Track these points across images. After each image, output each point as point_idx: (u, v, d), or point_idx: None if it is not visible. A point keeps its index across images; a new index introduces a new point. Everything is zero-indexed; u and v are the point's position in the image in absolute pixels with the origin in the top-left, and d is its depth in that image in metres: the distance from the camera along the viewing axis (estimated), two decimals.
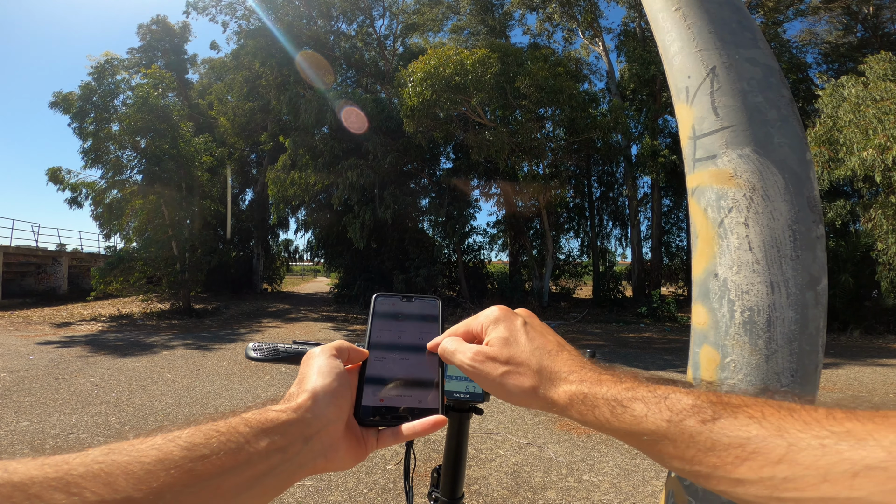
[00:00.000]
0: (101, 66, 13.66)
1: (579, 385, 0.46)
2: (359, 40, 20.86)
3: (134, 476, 0.32)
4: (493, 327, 0.54)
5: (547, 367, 0.49)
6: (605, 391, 0.44)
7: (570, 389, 0.46)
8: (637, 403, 0.41)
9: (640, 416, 0.40)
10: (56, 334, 10.02)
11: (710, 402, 0.38)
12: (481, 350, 0.52)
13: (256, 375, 6.64)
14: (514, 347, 0.51)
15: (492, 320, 0.55)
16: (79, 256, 21.62)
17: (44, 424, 4.43)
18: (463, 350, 0.53)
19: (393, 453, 3.89)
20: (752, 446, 0.34)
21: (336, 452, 0.47)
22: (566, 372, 0.48)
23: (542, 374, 0.48)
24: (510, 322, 0.54)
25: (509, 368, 0.50)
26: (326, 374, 0.49)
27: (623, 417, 0.42)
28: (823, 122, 11.39)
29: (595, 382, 0.45)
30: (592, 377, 0.46)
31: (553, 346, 0.51)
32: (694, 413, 0.38)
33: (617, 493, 3.31)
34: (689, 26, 0.80)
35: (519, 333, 0.52)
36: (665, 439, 0.39)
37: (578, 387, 0.46)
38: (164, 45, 24.55)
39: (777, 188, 0.70)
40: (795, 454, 0.31)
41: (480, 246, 20.01)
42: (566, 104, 13.28)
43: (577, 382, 0.46)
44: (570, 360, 0.49)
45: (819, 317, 0.69)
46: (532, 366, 0.49)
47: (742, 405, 0.37)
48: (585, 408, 0.44)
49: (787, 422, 0.34)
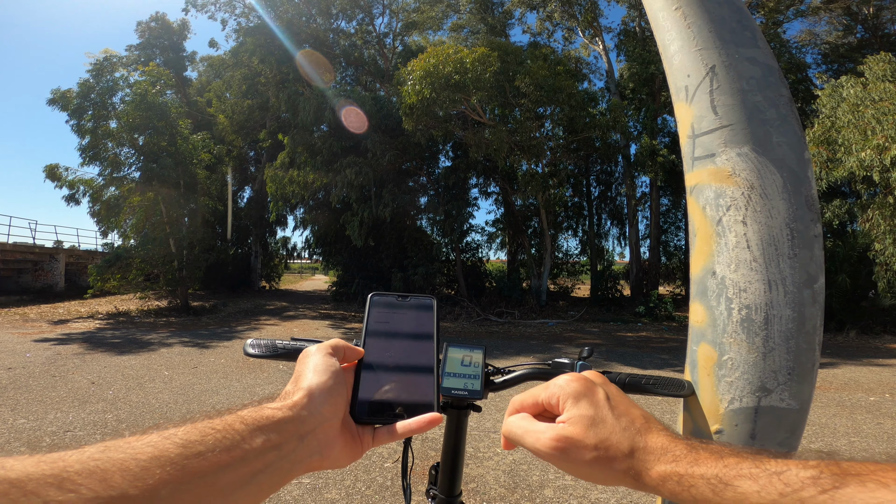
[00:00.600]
0: (99, 63, 13.62)
1: (674, 465, 0.43)
2: (358, 38, 20.83)
3: (130, 473, 0.32)
4: (572, 403, 0.49)
5: (639, 445, 0.46)
6: (703, 470, 0.41)
7: (664, 470, 0.43)
8: (744, 480, 0.38)
9: (748, 492, 0.38)
10: (53, 332, 10.00)
11: (832, 472, 0.35)
12: (563, 434, 0.48)
13: (254, 373, 6.64)
14: (601, 429, 0.47)
15: (570, 394, 0.50)
16: (76, 254, 21.56)
17: (40, 422, 4.42)
18: (537, 433, 0.49)
19: (391, 451, 3.89)
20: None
21: (332, 450, 0.47)
22: (660, 450, 0.45)
23: (633, 454, 0.45)
24: (593, 397, 0.50)
25: (598, 454, 0.46)
26: (322, 372, 0.50)
27: (727, 496, 0.39)
28: (822, 122, 11.41)
29: (692, 462, 0.42)
30: (688, 455, 0.43)
31: (640, 421, 0.48)
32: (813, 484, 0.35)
33: (614, 492, 3.32)
34: (689, 25, 0.81)
35: (605, 411, 0.48)
36: None
37: (673, 467, 0.43)
38: (162, 43, 24.51)
39: (775, 187, 0.70)
40: None
41: (479, 244, 20.01)
42: (565, 103, 13.28)
43: (671, 462, 0.43)
44: (662, 435, 0.46)
45: (816, 315, 0.70)
46: (623, 448, 0.46)
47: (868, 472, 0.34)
48: (681, 488, 0.42)
49: None
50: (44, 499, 0.28)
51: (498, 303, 16.02)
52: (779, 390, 0.68)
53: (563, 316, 14.98)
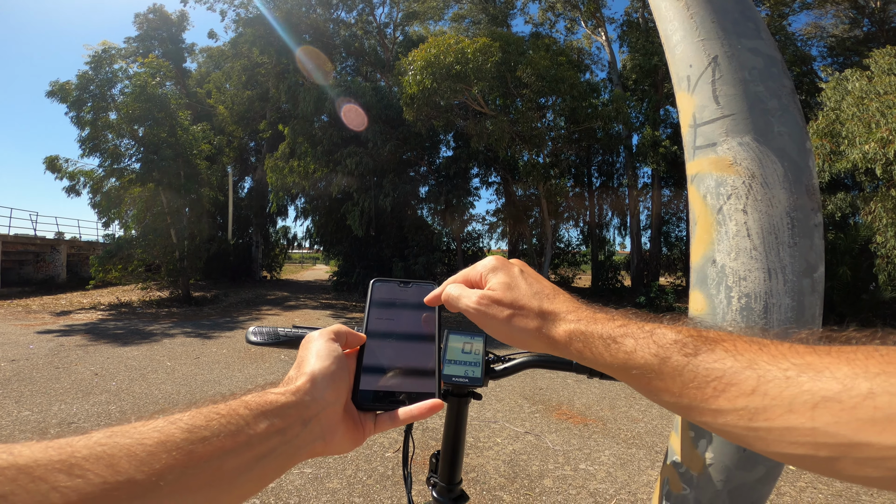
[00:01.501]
0: (98, 55, 13.53)
1: (577, 323, 0.49)
2: (358, 28, 20.68)
3: (136, 458, 0.33)
4: (492, 274, 0.56)
5: (547, 308, 0.51)
6: (599, 328, 0.47)
7: (568, 328, 0.49)
8: (628, 339, 0.44)
9: (631, 350, 0.43)
10: (55, 323, 10.04)
11: (692, 336, 0.41)
12: (486, 294, 0.54)
13: (256, 363, 6.67)
14: (516, 291, 0.53)
15: (490, 268, 0.57)
16: (77, 245, 21.58)
17: (45, 414, 4.46)
18: (468, 294, 0.56)
19: (391, 441, 3.92)
20: (728, 378, 0.36)
21: (334, 435, 0.48)
22: (564, 312, 0.51)
23: (543, 315, 0.51)
24: (508, 269, 0.56)
25: (513, 311, 0.52)
26: (325, 357, 0.50)
27: (616, 352, 0.45)
28: (826, 115, 11.34)
29: (591, 321, 0.48)
30: (588, 316, 0.49)
31: (549, 290, 0.54)
32: (678, 347, 0.40)
33: (613, 482, 3.35)
34: (692, 15, 0.80)
35: (518, 279, 0.55)
36: (653, 373, 0.41)
37: (576, 325, 0.49)
38: (161, 35, 24.34)
39: (776, 176, 0.70)
40: (765, 385, 0.34)
41: (480, 234, 20.04)
42: (567, 94, 13.20)
43: (574, 321, 0.49)
44: (567, 301, 0.53)
45: (815, 304, 0.70)
46: (534, 308, 0.52)
47: (718, 339, 0.39)
48: (583, 345, 0.47)
49: (758, 355, 0.36)
50: (52, 484, 0.29)
51: None
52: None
53: None
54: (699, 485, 0.73)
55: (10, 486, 0.27)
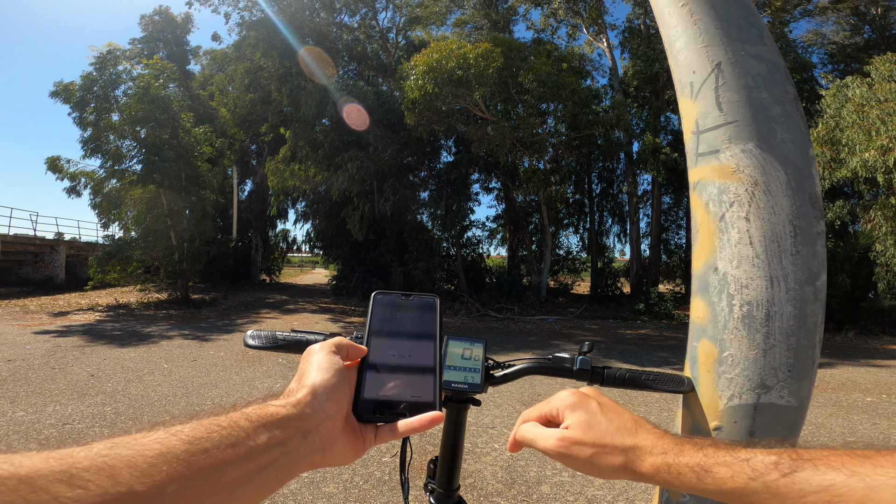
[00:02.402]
0: (103, 56, 13.58)
1: (663, 457, 0.50)
2: (361, 33, 20.75)
3: (137, 469, 0.33)
4: (570, 412, 0.58)
5: (631, 444, 0.53)
6: (687, 460, 0.48)
7: (655, 462, 0.51)
8: (721, 468, 0.46)
9: (726, 478, 0.45)
10: (53, 324, 10.02)
11: (791, 458, 0.42)
12: (566, 436, 0.56)
13: (254, 366, 6.65)
14: (597, 430, 0.55)
15: (568, 405, 0.59)
16: (77, 245, 21.57)
17: (39, 415, 4.44)
18: (545, 436, 0.57)
19: (389, 446, 3.90)
20: (834, 491, 0.37)
21: (335, 447, 0.48)
22: (650, 446, 0.52)
23: (627, 451, 0.53)
24: (586, 405, 0.58)
25: (596, 451, 0.54)
26: (326, 370, 0.50)
27: (707, 481, 0.46)
28: (826, 122, 11.37)
29: (678, 453, 0.50)
30: (674, 448, 0.51)
31: (631, 423, 0.56)
32: (775, 468, 0.42)
33: (611, 489, 3.33)
34: (696, 22, 0.80)
35: (599, 416, 0.57)
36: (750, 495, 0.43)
37: (663, 458, 0.50)
38: (166, 36, 24.43)
39: (779, 183, 0.70)
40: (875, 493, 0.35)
41: (479, 240, 20.01)
42: (568, 100, 13.24)
43: (660, 454, 0.51)
44: (650, 433, 0.54)
45: (817, 312, 0.69)
46: (618, 445, 0.54)
47: (822, 456, 0.41)
48: (671, 476, 0.49)
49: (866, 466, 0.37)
50: (53, 495, 0.28)
51: (498, 298, 16.03)
52: (778, 387, 0.68)
53: (563, 313, 14.98)
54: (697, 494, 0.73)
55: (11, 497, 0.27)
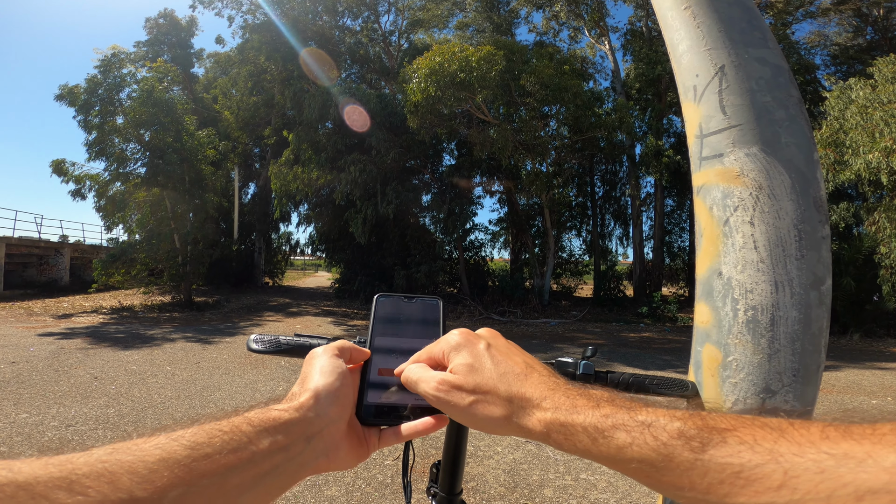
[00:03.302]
0: (107, 59, 13.66)
1: (554, 412, 0.43)
2: (364, 36, 20.83)
3: (138, 475, 0.32)
4: (455, 353, 0.51)
5: (517, 393, 0.46)
6: (582, 419, 0.41)
7: (544, 417, 0.43)
8: (619, 432, 0.39)
9: (624, 444, 0.38)
10: (57, 326, 10.06)
11: (698, 427, 0.36)
12: (446, 379, 0.49)
13: (256, 369, 6.66)
14: (479, 374, 0.48)
15: (453, 346, 0.52)
16: (81, 248, 21.65)
17: (43, 417, 4.45)
18: (426, 378, 0.50)
19: (391, 449, 3.90)
20: (747, 473, 0.32)
21: (338, 452, 0.48)
22: (538, 398, 0.45)
23: (512, 401, 0.46)
24: (472, 347, 0.51)
25: (476, 398, 0.47)
26: (329, 373, 0.50)
27: (605, 446, 0.40)
28: (830, 124, 11.35)
29: (570, 409, 0.43)
30: (567, 403, 0.43)
31: (521, 368, 0.48)
32: (683, 441, 0.36)
33: (614, 492, 3.31)
34: (699, 25, 0.80)
35: (483, 358, 0.49)
36: (653, 468, 0.37)
37: (553, 414, 0.43)
38: (170, 39, 24.56)
39: (783, 187, 0.69)
40: (794, 480, 0.30)
41: (482, 243, 20.00)
42: (571, 102, 13.25)
43: (551, 409, 0.43)
44: (541, 382, 0.46)
45: (822, 317, 0.69)
46: (501, 393, 0.46)
47: (731, 428, 0.35)
48: (563, 437, 0.42)
49: (781, 444, 0.32)
50: (52, 501, 0.28)
51: (500, 302, 16.01)
52: (783, 392, 0.68)
53: (566, 316, 14.96)
54: None
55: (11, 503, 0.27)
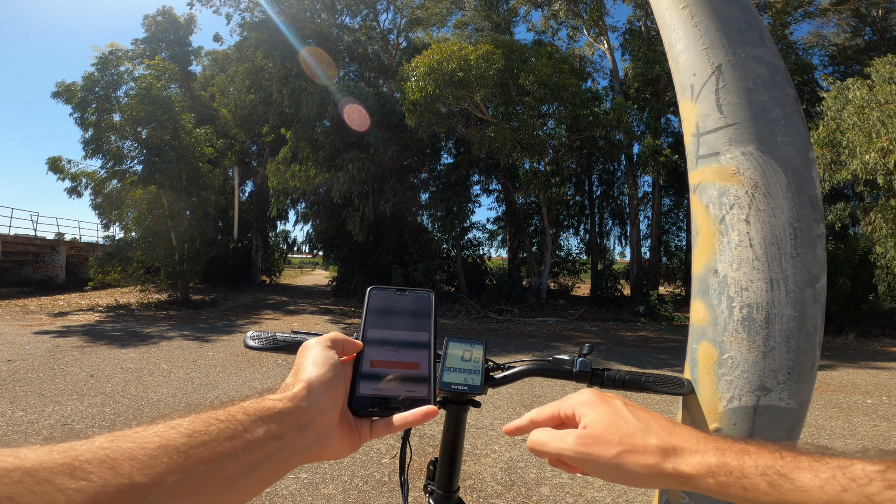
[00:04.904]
0: (104, 56, 13.59)
1: (719, 455, 0.41)
2: (362, 34, 20.79)
3: (138, 461, 0.33)
4: (589, 409, 0.50)
5: (668, 441, 0.44)
6: (756, 462, 0.39)
7: (707, 461, 0.41)
8: (803, 473, 0.37)
9: (809, 486, 0.36)
10: (53, 324, 10.02)
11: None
12: (585, 433, 0.47)
13: (253, 367, 6.65)
14: (623, 426, 0.47)
15: (586, 403, 0.51)
16: (77, 246, 21.57)
17: (39, 415, 4.43)
18: (560, 437, 0.49)
19: (388, 447, 3.90)
20: None
21: (330, 441, 0.49)
22: (694, 443, 0.43)
23: (665, 450, 0.44)
24: (608, 402, 0.50)
25: (623, 448, 0.45)
26: (321, 364, 0.51)
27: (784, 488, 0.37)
28: (827, 124, 11.38)
29: (740, 452, 0.41)
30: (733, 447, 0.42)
31: (664, 422, 0.47)
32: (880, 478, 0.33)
33: (610, 490, 3.33)
34: (696, 24, 0.80)
35: (623, 412, 0.48)
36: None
37: (719, 458, 0.41)
38: (168, 37, 24.45)
39: (779, 186, 0.70)
40: None
41: (480, 242, 20.00)
42: (569, 101, 13.26)
43: (714, 452, 0.42)
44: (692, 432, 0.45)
45: (817, 315, 0.69)
46: (651, 441, 0.45)
47: None
48: (731, 479, 0.40)
49: None
50: (57, 486, 0.29)
51: (498, 300, 16.02)
52: (778, 389, 0.68)
53: (563, 314, 14.98)
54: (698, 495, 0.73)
55: (16, 489, 0.28)
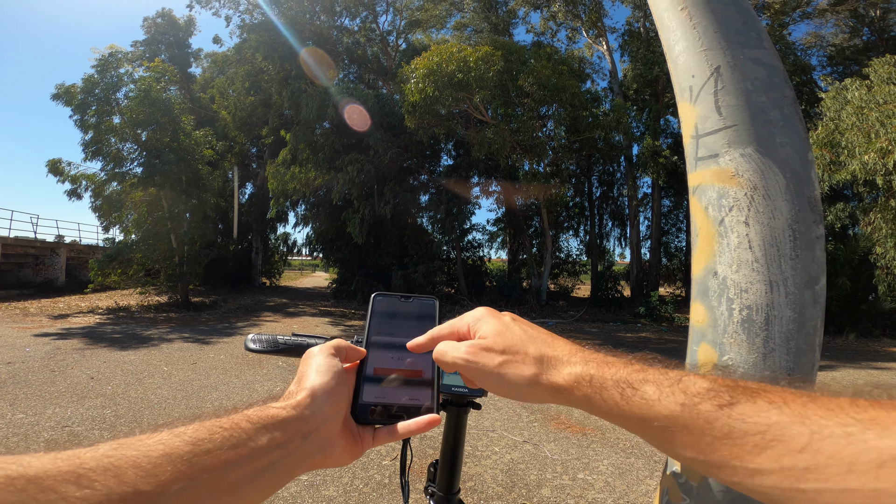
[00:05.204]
0: (104, 58, 13.61)
1: (584, 366, 0.44)
2: (362, 36, 20.83)
3: (142, 469, 0.33)
4: (481, 323, 0.52)
5: (546, 352, 0.47)
6: (613, 372, 0.42)
7: (575, 371, 0.44)
8: (648, 385, 0.39)
9: (652, 399, 0.38)
10: (53, 326, 10.02)
11: (727, 386, 0.36)
12: (475, 342, 0.50)
13: (253, 369, 6.65)
14: (509, 337, 0.49)
15: (478, 318, 0.53)
16: (77, 248, 21.56)
17: (39, 417, 4.43)
18: (456, 346, 0.51)
19: (389, 449, 3.89)
20: (773, 433, 0.32)
21: (333, 449, 0.49)
22: (567, 355, 0.46)
23: (542, 360, 0.46)
24: (499, 317, 0.53)
25: (506, 358, 0.48)
26: (324, 372, 0.51)
27: (633, 400, 0.40)
28: (826, 124, 11.39)
29: (602, 363, 0.43)
30: (598, 358, 0.44)
31: (547, 335, 0.50)
32: (710, 397, 0.36)
33: (611, 492, 3.32)
34: (695, 25, 0.81)
35: (511, 325, 0.51)
36: (678, 425, 0.37)
37: (584, 368, 0.43)
38: (168, 39, 24.50)
39: (778, 187, 0.70)
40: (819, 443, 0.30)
41: (480, 243, 20.01)
42: (568, 103, 13.27)
43: (581, 363, 0.44)
44: (569, 345, 0.48)
45: (817, 316, 0.70)
46: (531, 352, 0.47)
47: (761, 390, 0.35)
48: (592, 390, 0.42)
49: (810, 408, 0.32)
50: (61, 494, 0.29)
51: (498, 302, 16.02)
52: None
53: (563, 316, 14.98)
54: (699, 495, 0.73)
55: (21, 497, 0.28)
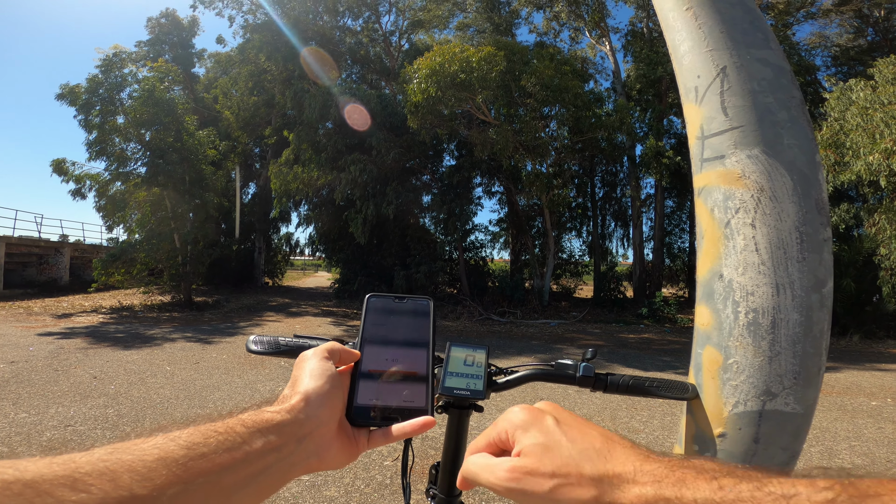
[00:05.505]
0: (108, 59, 13.67)
1: (657, 487, 0.38)
2: (364, 36, 20.85)
3: (138, 473, 0.34)
4: (521, 433, 0.46)
5: (605, 470, 0.41)
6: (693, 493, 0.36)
7: (645, 494, 0.38)
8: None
9: None
10: (56, 325, 10.05)
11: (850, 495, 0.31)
12: (517, 465, 0.43)
13: (256, 370, 6.65)
14: (556, 454, 0.43)
15: (517, 425, 0.46)
16: (81, 248, 21.65)
17: (42, 416, 4.44)
18: (491, 467, 0.45)
19: (390, 450, 3.89)
20: None
21: (328, 452, 0.49)
22: (632, 470, 0.40)
23: (601, 480, 0.40)
24: (540, 423, 0.46)
25: (557, 482, 0.41)
26: (318, 376, 0.51)
27: None
28: (830, 125, 11.35)
29: (678, 482, 0.37)
30: (669, 475, 0.38)
31: (600, 442, 0.44)
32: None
33: None
34: (700, 26, 0.80)
35: (556, 436, 0.44)
36: None
37: (656, 489, 0.37)
38: (172, 39, 24.58)
39: (785, 189, 0.69)
40: None
41: (482, 244, 19.97)
42: (571, 103, 13.25)
43: (651, 482, 0.38)
44: (629, 455, 0.42)
45: (823, 319, 0.69)
46: (586, 472, 0.41)
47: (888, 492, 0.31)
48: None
49: None
50: (57, 499, 0.29)
51: (500, 302, 16.00)
52: (784, 394, 0.68)
53: (566, 316, 14.95)
54: None
55: (18, 501, 0.28)
